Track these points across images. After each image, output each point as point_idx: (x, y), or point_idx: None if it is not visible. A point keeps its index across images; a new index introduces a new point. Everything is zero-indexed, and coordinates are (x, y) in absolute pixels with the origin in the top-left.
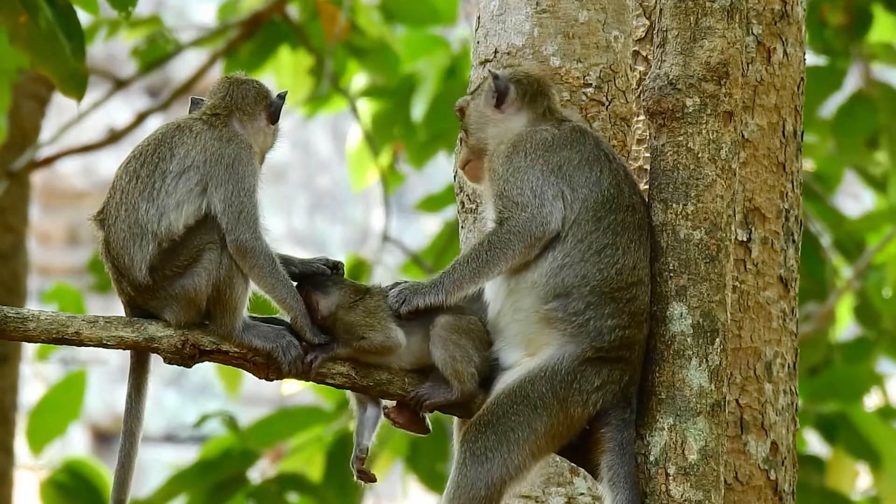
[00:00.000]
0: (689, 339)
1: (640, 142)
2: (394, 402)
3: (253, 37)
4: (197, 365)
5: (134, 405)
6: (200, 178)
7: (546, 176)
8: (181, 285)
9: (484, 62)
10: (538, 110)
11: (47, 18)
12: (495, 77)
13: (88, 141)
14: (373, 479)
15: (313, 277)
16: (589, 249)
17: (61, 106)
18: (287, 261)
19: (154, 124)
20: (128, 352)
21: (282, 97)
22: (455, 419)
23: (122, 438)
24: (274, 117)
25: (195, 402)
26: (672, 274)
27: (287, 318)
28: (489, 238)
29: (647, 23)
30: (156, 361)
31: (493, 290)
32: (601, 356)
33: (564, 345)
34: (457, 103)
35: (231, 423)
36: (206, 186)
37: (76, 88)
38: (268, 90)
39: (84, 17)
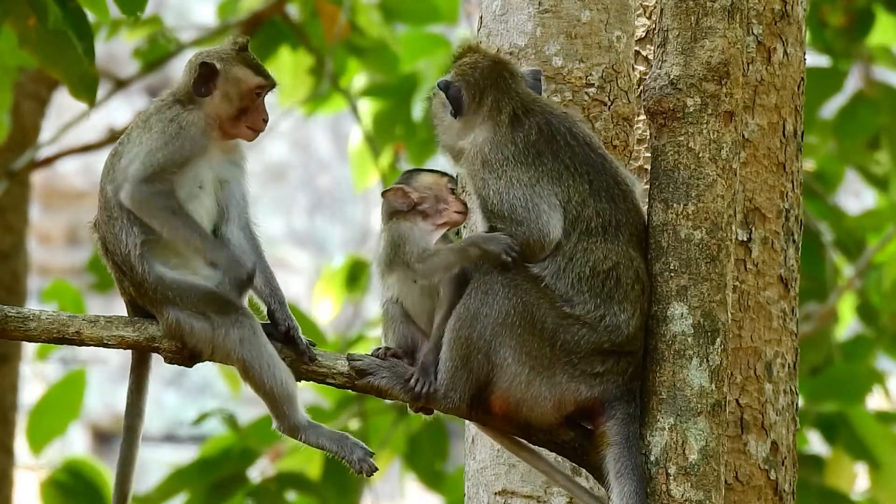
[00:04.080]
0: (689, 339)
1: (640, 141)
2: None
3: (253, 37)
4: (197, 365)
5: (134, 402)
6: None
7: (530, 187)
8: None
9: None
10: (492, 105)
11: (57, 20)
12: (446, 89)
13: (88, 141)
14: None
15: None
16: (563, 259)
17: (61, 106)
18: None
19: None
20: (128, 351)
21: (205, 65)
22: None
23: (123, 435)
24: (196, 89)
25: (195, 402)
26: (673, 274)
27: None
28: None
29: (648, 23)
30: (156, 361)
31: None
32: (615, 350)
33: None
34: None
35: (231, 421)
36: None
37: (86, 92)
38: (203, 61)
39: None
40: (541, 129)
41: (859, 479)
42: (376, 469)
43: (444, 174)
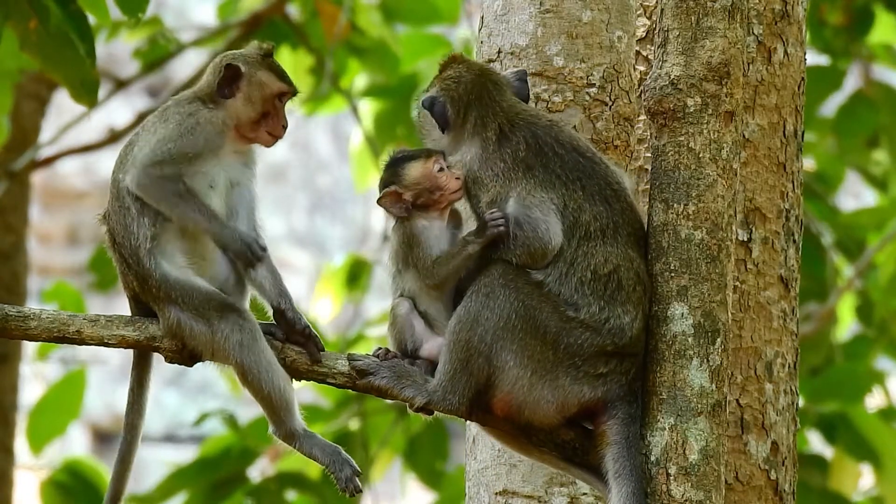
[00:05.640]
0: (690, 340)
1: (640, 141)
2: None
3: (253, 37)
4: (197, 364)
5: (136, 399)
6: None
7: (525, 199)
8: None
9: (488, 62)
10: (476, 121)
11: (58, 22)
12: (430, 105)
13: (88, 141)
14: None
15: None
16: (565, 265)
17: (61, 106)
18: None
19: None
20: (129, 351)
21: (231, 66)
22: None
23: (123, 432)
24: (221, 90)
25: (195, 402)
26: (673, 274)
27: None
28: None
29: (648, 22)
30: (157, 360)
31: None
32: (618, 351)
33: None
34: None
35: (231, 421)
36: None
37: (87, 94)
38: (229, 62)
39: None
40: (528, 144)
41: (863, 478)
42: (360, 490)
43: (429, 154)
